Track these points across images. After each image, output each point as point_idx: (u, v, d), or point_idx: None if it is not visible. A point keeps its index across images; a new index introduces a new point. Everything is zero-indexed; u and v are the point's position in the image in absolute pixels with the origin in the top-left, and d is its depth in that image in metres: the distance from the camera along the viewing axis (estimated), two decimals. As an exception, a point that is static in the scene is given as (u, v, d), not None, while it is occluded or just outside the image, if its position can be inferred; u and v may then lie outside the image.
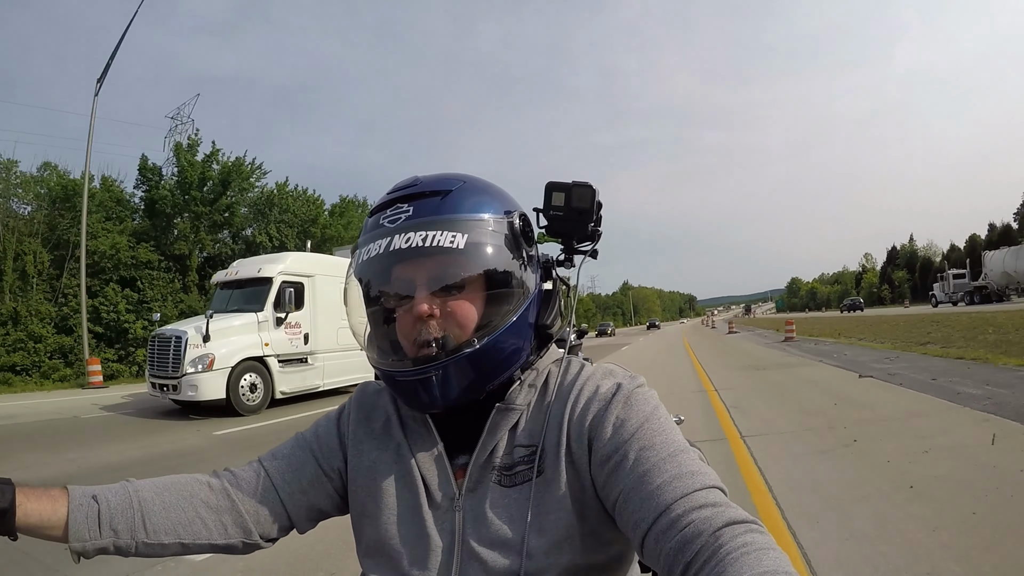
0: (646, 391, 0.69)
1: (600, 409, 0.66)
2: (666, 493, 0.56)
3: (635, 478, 0.59)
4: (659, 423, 0.64)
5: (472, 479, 0.68)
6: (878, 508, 2.91)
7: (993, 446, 3.77)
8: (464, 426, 0.70)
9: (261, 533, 0.73)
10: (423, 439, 0.71)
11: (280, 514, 0.73)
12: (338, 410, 0.80)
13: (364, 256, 0.69)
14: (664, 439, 0.62)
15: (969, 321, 16.58)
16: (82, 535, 0.63)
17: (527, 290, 0.71)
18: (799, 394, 6.99)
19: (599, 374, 0.71)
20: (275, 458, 0.76)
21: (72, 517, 0.63)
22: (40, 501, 0.62)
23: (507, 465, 0.67)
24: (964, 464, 3.49)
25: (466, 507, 0.67)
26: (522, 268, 0.71)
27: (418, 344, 0.66)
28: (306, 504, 0.75)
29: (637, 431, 0.62)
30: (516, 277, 0.70)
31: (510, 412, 0.69)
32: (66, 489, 0.65)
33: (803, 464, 3.87)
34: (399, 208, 0.68)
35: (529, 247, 0.73)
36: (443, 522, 0.67)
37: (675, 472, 0.58)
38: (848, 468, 3.68)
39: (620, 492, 0.60)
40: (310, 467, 0.75)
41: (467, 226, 0.67)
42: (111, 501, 0.65)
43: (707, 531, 0.51)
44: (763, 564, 0.46)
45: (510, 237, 0.70)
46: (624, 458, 0.61)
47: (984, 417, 4.66)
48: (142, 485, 0.69)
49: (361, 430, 0.76)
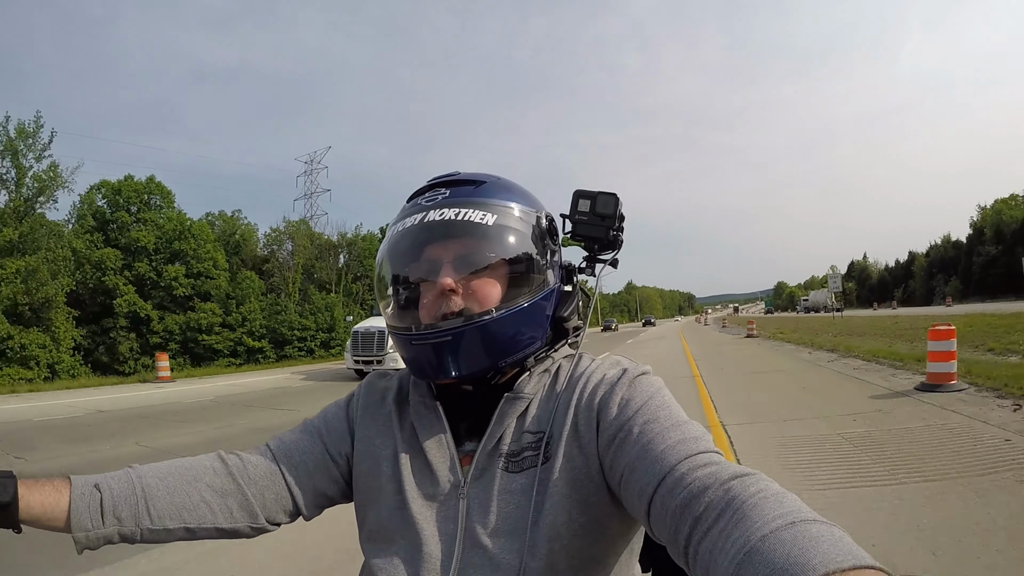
0: (651, 376, 0.70)
1: (606, 392, 0.67)
2: (670, 456, 0.56)
3: (639, 449, 0.59)
4: (662, 400, 0.65)
5: (479, 466, 0.67)
6: (732, 379, 10.40)
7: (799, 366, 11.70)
8: (472, 414, 0.72)
9: (267, 517, 0.73)
10: (431, 425, 0.71)
11: (286, 499, 0.74)
12: (347, 396, 0.81)
13: (400, 227, 0.73)
14: (667, 413, 0.62)
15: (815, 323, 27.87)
16: (84, 524, 0.63)
17: (547, 282, 0.73)
18: (734, 354, 15.02)
19: (607, 364, 0.73)
20: (282, 442, 0.76)
21: (74, 507, 0.62)
22: (42, 493, 0.62)
23: (514, 452, 0.67)
24: (775, 376, 10.61)
25: (471, 494, 0.66)
26: (544, 261, 0.74)
27: (438, 316, 0.68)
28: (312, 489, 0.75)
29: (641, 407, 0.63)
30: (538, 266, 0.72)
31: (518, 400, 0.70)
32: (68, 479, 0.65)
33: (712, 360, 11.86)
34: (437, 191, 0.73)
35: (553, 245, 0.77)
36: (447, 508, 0.67)
37: (678, 438, 0.58)
38: (722, 363, 11.62)
39: (625, 465, 0.60)
40: (317, 452, 0.75)
41: (497, 209, 0.71)
42: (114, 489, 0.65)
43: (714, 484, 0.49)
44: (784, 507, 0.44)
45: (536, 229, 0.74)
46: (629, 433, 0.61)
47: (793, 350, 12.65)
48: (145, 471, 0.69)
49: (369, 416, 0.76)
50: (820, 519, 0.42)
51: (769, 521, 0.42)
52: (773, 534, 0.41)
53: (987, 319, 17.43)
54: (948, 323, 6.70)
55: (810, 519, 0.42)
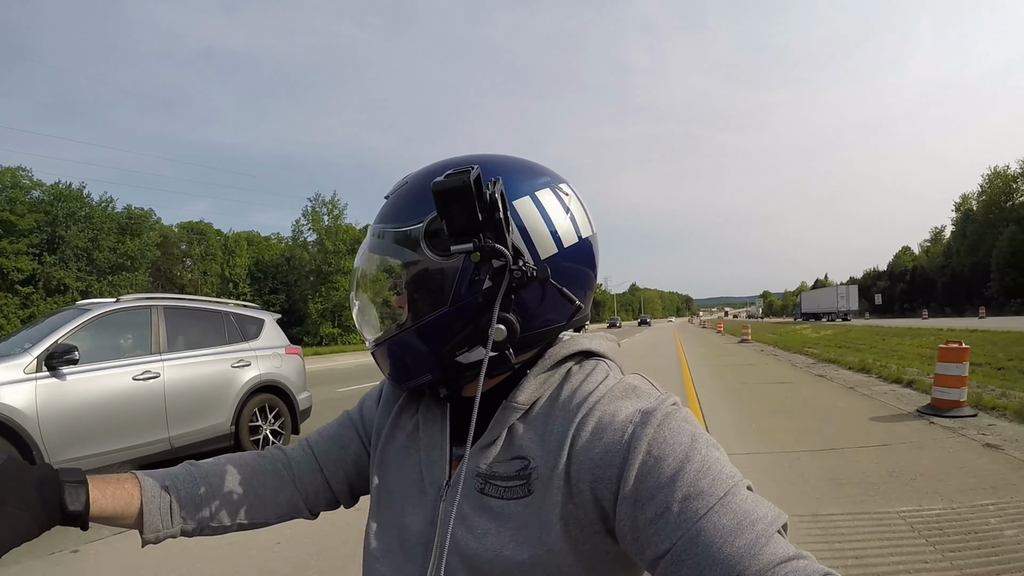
0: (679, 415, 0.56)
1: (619, 448, 0.54)
2: (730, 558, 0.46)
3: (686, 538, 0.48)
4: (701, 459, 0.52)
5: (458, 475, 0.60)
6: (714, 366, 14.41)
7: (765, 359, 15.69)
8: (479, 419, 0.65)
9: (310, 508, 0.76)
10: (434, 424, 0.69)
11: (326, 491, 0.77)
12: (379, 387, 0.81)
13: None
14: (711, 481, 0.51)
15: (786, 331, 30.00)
16: (156, 526, 0.65)
17: (460, 291, 0.61)
18: (718, 347, 19.13)
19: (618, 392, 0.60)
20: (321, 436, 0.79)
21: (146, 510, 0.64)
22: (114, 496, 0.62)
23: (495, 474, 0.61)
24: (757, 363, 13.92)
25: (449, 499, 0.63)
26: (453, 271, 0.60)
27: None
28: (347, 480, 0.77)
29: (677, 475, 0.51)
30: (439, 280, 0.61)
31: (510, 411, 0.62)
32: (136, 479, 0.66)
33: (697, 350, 15.85)
34: (384, 202, 0.70)
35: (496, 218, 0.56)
36: (430, 511, 0.64)
37: (733, 524, 0.48)
38: (711, 354, 15.66)
39: (667, 552, 0.49)
40: (354, 445, 0.77)
41: (390, 235, 0.64)
42: (180, 491, 0.68)
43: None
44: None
45: (433, 240, 0.61)
46: (666, 510, 0.50)
47: (759, 349, 16.52)
48: (207, 469, 0.72)
49: (387, 409, 0.76)
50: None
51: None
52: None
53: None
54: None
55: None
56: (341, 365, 19.86)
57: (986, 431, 4.86)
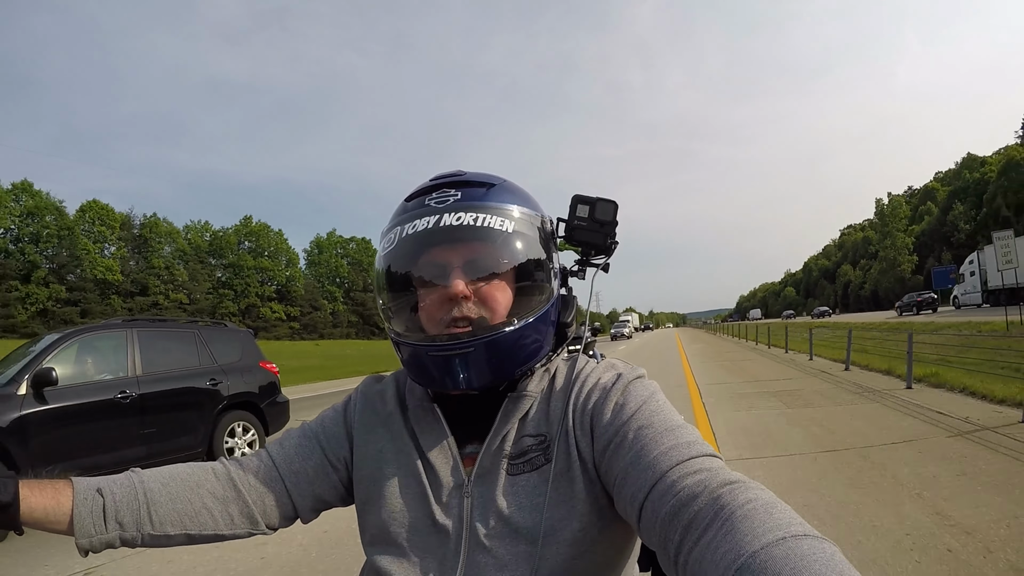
0: (645, 380, 0.70)
1: (601, 397, 0.67)
2: (662, 462, 0.55)
3: (632, 455, 0.58)
4: (656, 404, 0.64)
5: (483, 466, 0.67)
6: (703, 349, 20.49)
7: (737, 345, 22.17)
8: (472, 415, 0.71)
9: (267, 523, 0.73)
10: (430, 428, 0.71)
11: (285, 504, 0.74)
12: (344, 401, 0.80)
13: (409, 231, 0.68)
14: (661, 417, 0.62)
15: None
16: (88, 530, 0.63)
17: (552, 288, 0.73)
18: (715, 347, 24.38)
19: (602, 367, 0.72)
20: (282, 447, 0.76)
21: (77, 511, 0.62)
22: (44, 495, 0.61)
23: (516, 454, 0.67)
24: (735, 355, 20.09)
25: (475, 493, 0.66)
26: (551, 267, 0.73)
27: (447, 322, 0.66)
28: (311, 494, 0.75)
29: (635, 412, 0.63)
30: (546, 272, 0.72)
31: (521, 400, 0.70)
32: (71, 482, 0.64)
33: (695, 347, 22.11)
34: (446, 192, 0.69)
35: (555, 249, 0.76)
36: (451, 508, 0.66)
37: (671, 443, 0.57)
38: (707, 344, 22.02)
39: (619, 471, 0.59)
40: (316, 457, 0.75)
41: (512, 216, 0.69)
42: (116, 494, 0.65)
43: (704, 492, 0.49)
44: (774, 518, 0.43)
45: (542, 234, 0.72)
46: (623, 439, 0.61)
47: (737, 343, 23.08)
48: (147, 475, 0.69)
49: (367, 420, 0.76)
50: (811, 533, 0.42)
51: (760, 535, 0.42)
52: (764, 550, 0.40)
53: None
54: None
55: (800, 534, 0.41)
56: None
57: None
